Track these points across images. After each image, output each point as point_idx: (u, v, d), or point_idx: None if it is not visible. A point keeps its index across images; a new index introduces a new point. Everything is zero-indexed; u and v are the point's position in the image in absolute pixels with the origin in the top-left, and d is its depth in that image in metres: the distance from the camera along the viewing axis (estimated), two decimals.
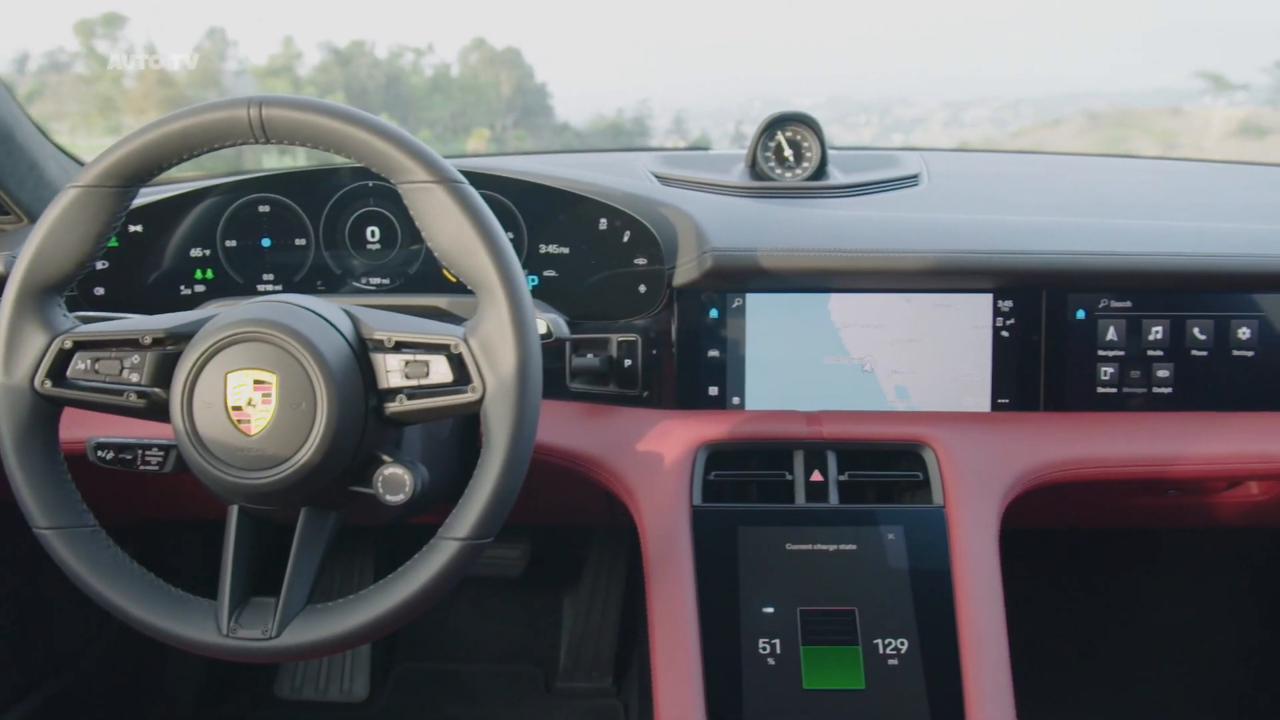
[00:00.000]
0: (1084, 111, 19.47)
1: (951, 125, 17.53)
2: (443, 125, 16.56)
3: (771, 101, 20.10)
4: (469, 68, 17.91)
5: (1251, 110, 19.17)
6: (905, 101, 19.22)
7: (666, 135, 18.10)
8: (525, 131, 17.01)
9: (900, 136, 17.62)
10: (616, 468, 1.30)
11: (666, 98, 25.57)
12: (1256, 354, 1.37)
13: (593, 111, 21.83)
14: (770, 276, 1.30)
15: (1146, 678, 2.17)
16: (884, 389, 1.34)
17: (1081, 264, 1.32)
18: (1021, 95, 25.30)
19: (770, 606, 1.18)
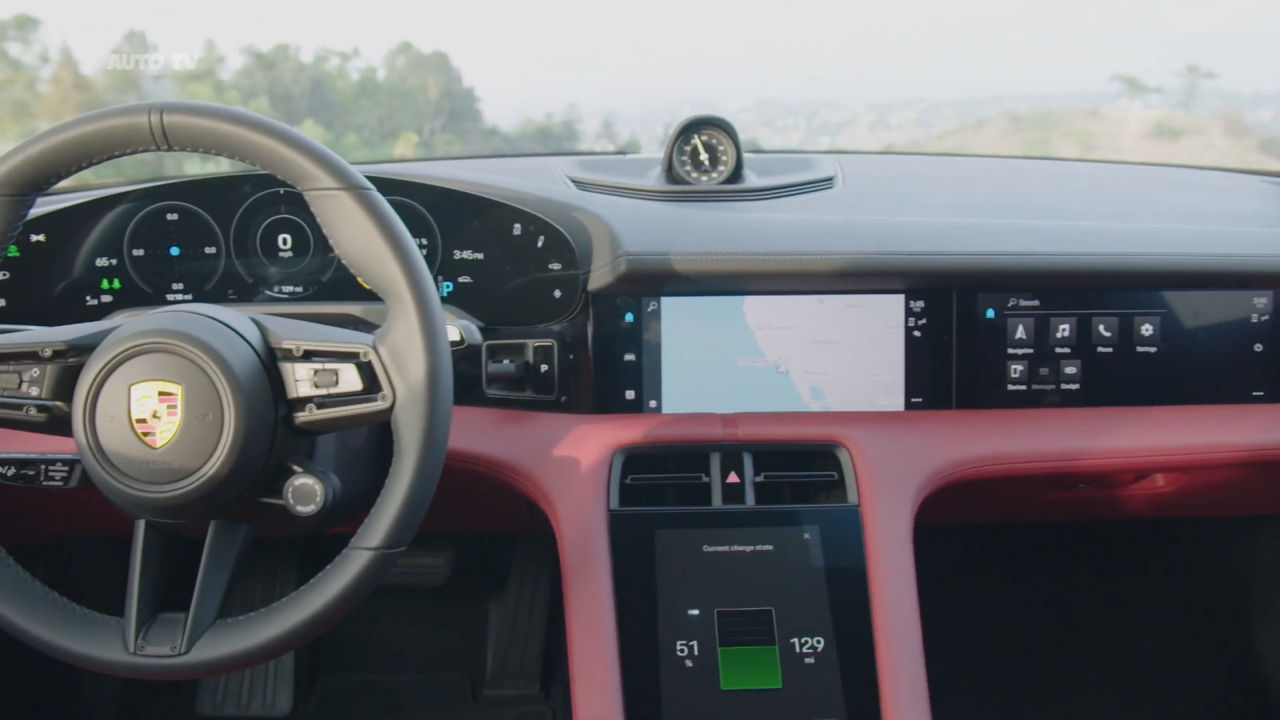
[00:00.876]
0: (1006, 114, 19.85)
1: (878, 128, 17.77)
2: (370, 130, 16.40)
3: (700, 105, 20.26)
4: (396, 71, 17.76)
5: (1165, 112, 19.71)
6: (832, 105, 19.45)
7: (595, 139, 18.11)
8: (453, 136, 16.92)
9: (827, 139, 17.85)
10: (533, 473, 1.29)
11: (596, 101, 25.66)
12: (1159, 350, 1.41)
13: (522, 115, 21.79)
14: (685, 280, 1.31)
15: (1062, 670, 2.22)
16: (799, 390, 1.35)
17: (990, 264, 1.34)
18: (945, 98, 25.76)
19: (688, 609, 1.19)
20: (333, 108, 16.83)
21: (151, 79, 12.48)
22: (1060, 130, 18.65)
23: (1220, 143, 15.53)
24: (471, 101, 18.70)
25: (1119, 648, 2.26)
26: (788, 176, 1.57)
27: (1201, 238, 1.43)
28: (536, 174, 1.57)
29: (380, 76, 17.87)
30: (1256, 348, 1.43)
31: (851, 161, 1.69)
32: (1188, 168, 1.91)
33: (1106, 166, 1.94)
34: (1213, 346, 1.42)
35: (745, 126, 17.32)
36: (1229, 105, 19.31)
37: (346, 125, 16.35)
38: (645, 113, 10.56)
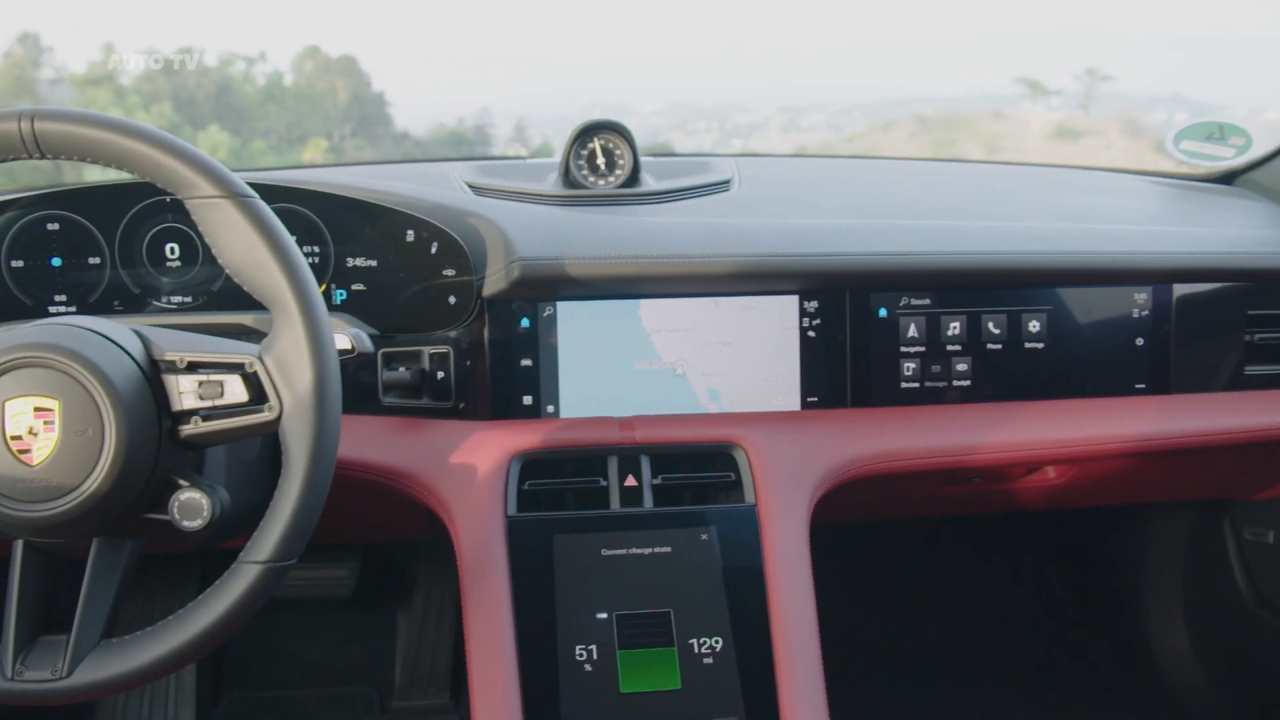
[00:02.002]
0: (914, 116, 20.21)
1: (789, 130, 17.95)
2: (278, 135, 16.10)
3: (613, 108, 20.28)
4: (304, 76, 17.47)
5: (1066, 114, 20.23)
6: (744, 108, 19.62)
7: (508, 143, 18.02)
8: (364, 141, 16.70)
9: (739, 141, 17.99)
10: (429, 481, 1.28)
11: (508, 105, 25.60)
12: (1047, 346, 1.44)
13: (434, 120, 21.63)
14: (580, 284, 1.31)
15: (962, 661, 2.26)
16: (696, 392, 1.36)
17: (882, 264, 1.36)
18: (855, 101, 26.18)
19: (587, 613, 1.19)
20: (239, 113, 16.50)
21: (47, 83, 12.11)
22: (966, 132, 19.04)
23: (1118, 143, 15.99)
24: (382, 106, 18.47)
25: (1018, 637, 2.31)
26: (684, 180, 1.57)
27: (1086, 236, 1.47)
28: (433, 179, 1.55)
29: (288, 81, 17.56)
30: (1138, 342, 1.47)
31: (749, 164, 1.70)
32: (1075, 168, 1.96)
33: (999, 167, 1.99)
34: (1098, 341, 1.46)
35: (658, 129, 17.36)
36: (1126, 107, 19.91)
37: (254, 131, 16.03)
38: (558, 116, 10.57)
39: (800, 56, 45.18)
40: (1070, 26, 31.42)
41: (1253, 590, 1.95)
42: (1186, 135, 1.83)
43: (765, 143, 17.52)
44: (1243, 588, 1.96)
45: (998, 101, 23.16)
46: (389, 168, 1.76)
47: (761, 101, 20.41)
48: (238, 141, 14.68)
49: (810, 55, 47.83)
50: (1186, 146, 1.83)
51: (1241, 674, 2.02)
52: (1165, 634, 2.16)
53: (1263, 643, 1.92)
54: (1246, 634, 1.96)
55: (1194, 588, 2.11)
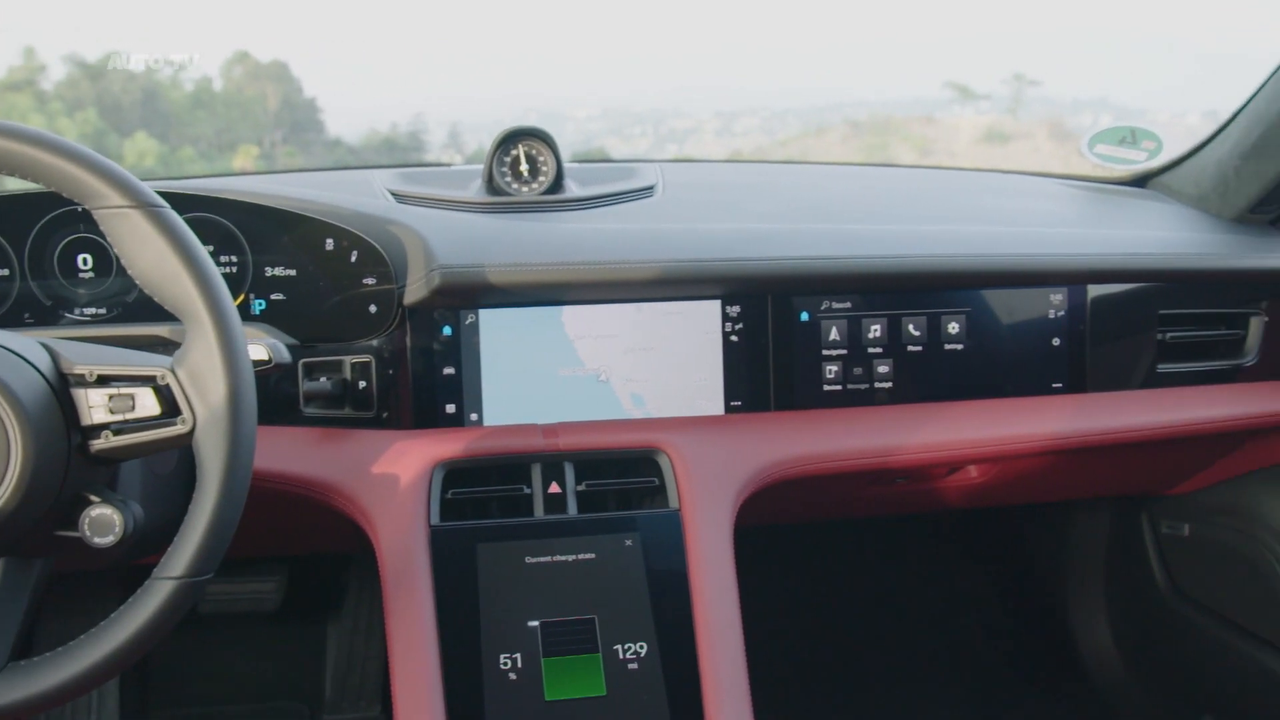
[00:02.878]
0: (847, 120, 20.42)
1: (724, 135, 18.06)
2: (207, 142, 15.84)
3: (548, 114, 20.22)
4: (233, 82, 17.21)
5: (995, 118, 20.56)
6: (679, 113, 19.71)
7: (442, 149, 17.89)
8: (295, 148, 16.49)
9: (675, 146, 18.06)
10: (351, 492, 1.27)
11: (442, 111, 25.44)
12: (966, 347, 1.47)
13: (367, 126, 21.45)
14: (502, 292, 1.30)
15: (890, 661, 2.29)
16: (620, 398, 1.36)
17: (803, 268, 1.38)
18: (789, 106, 26.38)
19: (511, 621, 1.18)
20: (167, 119, 16.20)
21: None
22: (898, 136, 19.29)
23: (1046, 146, 16.29)
24: (314, 112, 18.26)
25: (944, 635, 2.34)
26: (608, 186, 1.58)
27: (1003, 239, 1.50)
28: (355, 187, 1.54)
29: (217, 87, 17.28)
30: (1055, 342, 1.50)
31: (674, 170, 1.71)
32: (995, 172, 1.99)
33: (921, 171, 2.02)
34: (1015, 342, 1.49)
35: (593, 135, 17.36)
36: (1052, 111, 20.31)
37: (182, 137, 15.75)
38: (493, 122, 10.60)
39: (735, 62, 45.36)
40: (997, 32, 31.71)
41: (1169, 582, 2.00)
42: (1100, 139, 1.87)
43: (700, 147, 17.60)
44: (1160, 580, 2.00)
45: (929, 106, 23.49)
46: (311, 175, 1.74)
47: (696, 106, 20.44)
48: (166, 148, 14.39)
49: (745, 61, 47.94)
50: (1100, 150, 1.87)
51: (1160, 664, 2.07)
52: (1087, 627, 2.20)
53: (1179, 633, 1.97)
54: (1164, 625, 2.01)
55: (1114, 581, 2.15)
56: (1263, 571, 1.77)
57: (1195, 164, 1.76)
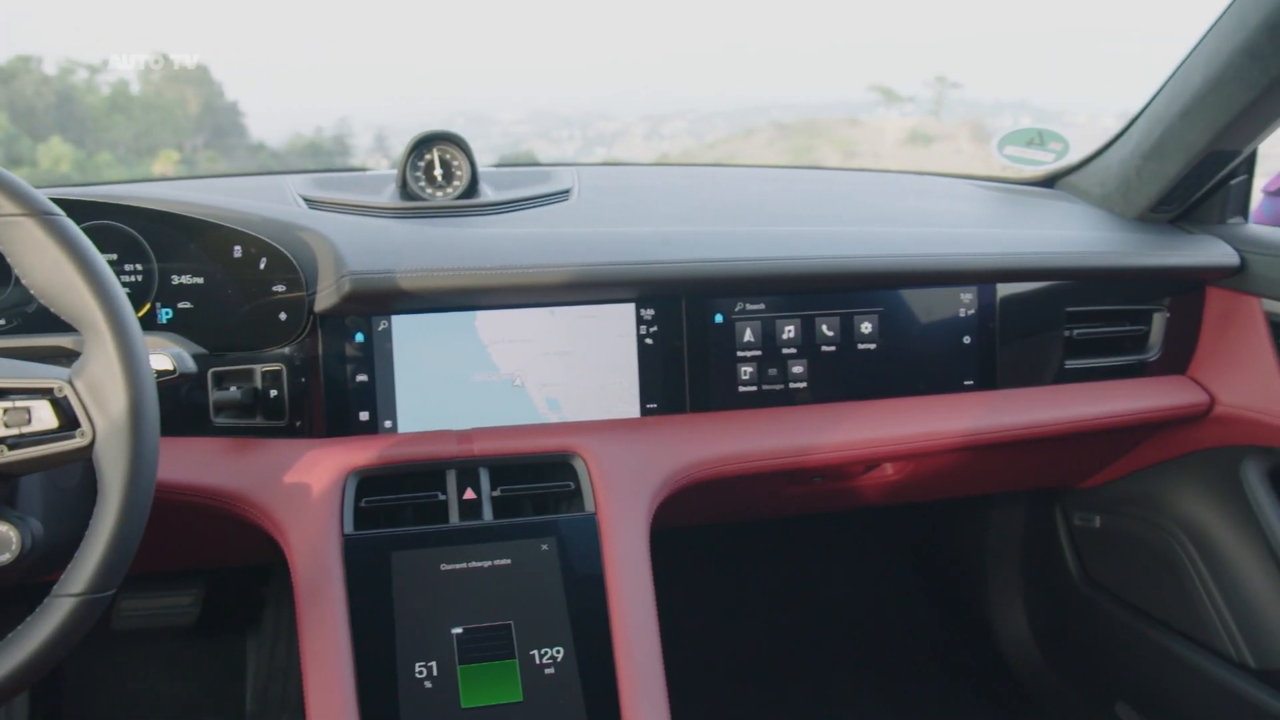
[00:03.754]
0: (773, 123, 20.58)
1: (652, 138, 18.10)
2: (125, 147, 15.48)
3: (475, 117, 20.05)
4: (151, 85, 16.83)
5: (919, 120, 20.86)
6: (607, 116, 19.68)
7: (369, 153, 17.69)
8: (217, 152, 16.19)
9: (603, 150, 18.06)
10: (262, 502, 1.25)
11: (368, 114, 25.07)
12: (879, 346, 1.49)
13: (291, 130, 21.11)
14: (414, 297, 1.29)
15: (815, 658, 2.31)
16: (535, 402, 1.36)
17: (716, 270, 1.38)
18: (717, 109, 26.51)
19: (426, 629, 1.17)
20: (83, 124, 15.80)
21: None
22: (824, 138, 19.48)
23: (968, 147, 16.56)
24: (236, 116, 17.93)
25: (866, 631, 2.37)
26: (524, 190, 1.57)
27: (914, 239, 1.52)
28: (267, 193, 1.52)
29: (135, 90, 16.89)
30: (965, 340, 1.53)
31: (590, 173, 1.71)
32: (909, 173, 2.02)
33: (837, 173, 2.04)
34: (927, 340, 1.51)
35: (521, 138, 17.29)
36: (974, 113, 20.64)
37: (99, 142, 15.38)
38: (420, 125, 10.44)
39: (663, 65, 45.39)
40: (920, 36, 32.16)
41: (1082, 572, 2.04)
42: (1010, 141, 1.91)
43: (628, 150, 17.62)
44: (1074, 571, 2.05)
45: (854, 108, 23.75)
46: (222, 181, 1.71)
47: (624, 110, 20.40)
48: (82, 154, 14.02)
49: (673, 64, 48.03)
50: (1010, 151, 1.91)
51: (1076, 653, 2.12)
52: (1005, 618, 2.24)
53: (1092, 621, 2.01)
54: (1078, 615, 2.06)
55: (1030, 573, 2.20)
56: (1170, 560, 1.82)
57: (1100, 164, 1.80)
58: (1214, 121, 1.47)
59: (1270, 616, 1.66)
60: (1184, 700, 1.80)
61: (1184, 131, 1.52)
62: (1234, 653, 1.71)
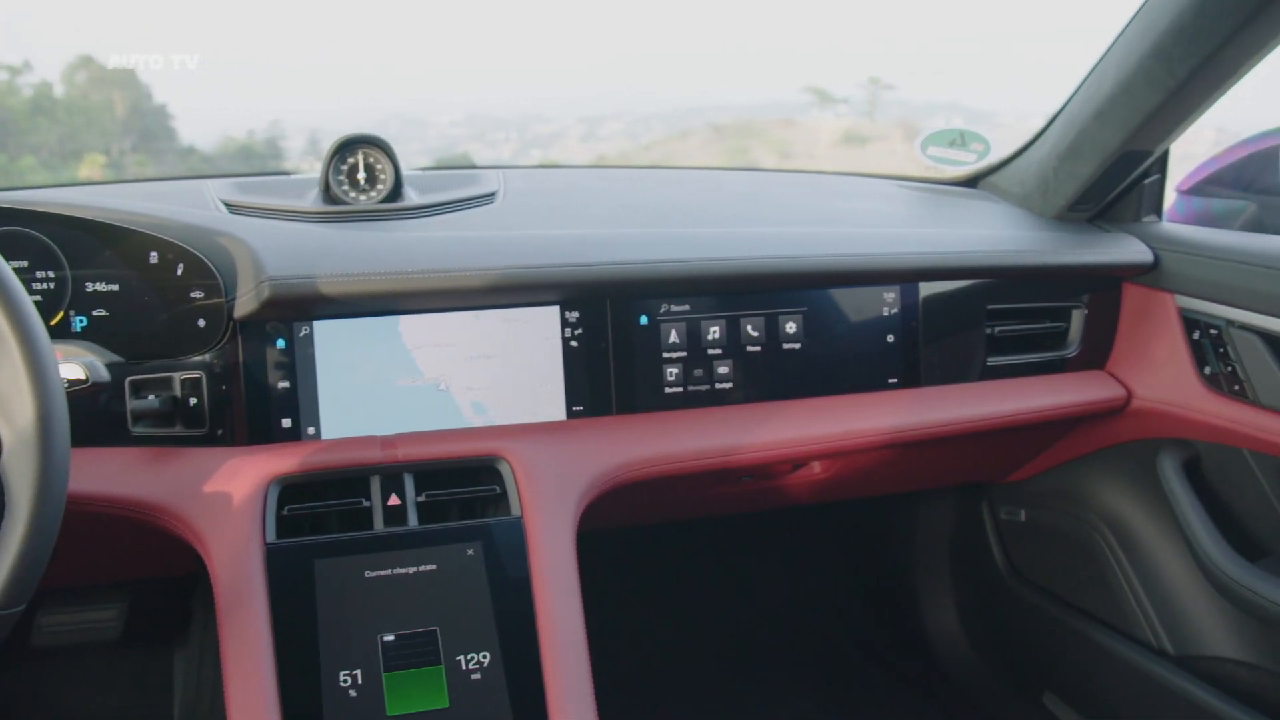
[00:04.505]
0: (709, 124, 20.62)
1: (588, 140, 18.04)
2: (49, 151, 15.09)
3: (410, 119, 19.87)
4: (76, 88, 16.44)
5: (853, 121, 21.02)
6: (543, 118, 19.55)
7: (302, 156, 17.42)
8: (146, 156, 15.83)
9: (539, 152, 17.96)
10: (182, 512, 1.23)
11: (302, 117, 24.55)
12: (804, 345, 1.50)
13: (222, 133, 20.71)
14: (336, 302, 1.28)
15: (745, 657, 2.33)
16: (460, 406, 1.35)
17: (641, 272, 1.39)
18: (653, 111, 26.51)
19: (350, 637, 1.16)
20: (5, 127, 15.39)
21: None
22: (759, 139, 19.54)
23: (901, 148, 16.70)
24: (164, 119, 17.55)
25: (799, 626, 2.39)
26: (449, 193, 1.57)
27: (838, 239, 1.53)
28: (187, 198, 1.50)
29: (58, 93, 16.48)
30: (889, 339, 1.55)
31: (516, 176, 1.71)
32: (836, 174, 2.05)
33: (765, 174, 2.06)
34: (852, 339, 1.53)
35: (457, 140, 17.13)
36: (907, 114, 20.83)
37: (22, 146, 14.97)
38: (355, 127, 10.10)
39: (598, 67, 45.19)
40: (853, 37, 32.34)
41: (1008, 565, 2.08)
42: (932, 141, 1.93)
43: (565, 152, 17.57)
44: (1000, 563, 2.08)
45: (789, 109, 23.88)
46: (143, 186, 1.68)
47: (560, 112, 20.18)
48: (4, 157, 13.63)
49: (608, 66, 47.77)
50: (933, 152, 1.94)
51: (1003, 645, 2.15)
52: (935, 612, 2.27)
53: (1019, 613, 2.05)
54: (1005, 607, 2.09)
55: (959, 567, 2.23)
56: (1092, 552, 1.85)
57: (1020, 164, 1.83)
58: (1126, 123, 1.50)
59: (1186, 604, 1.70)
60: (1108, 688, 1.84)
61: (1097, 133, 1.55)
62: (1154, 640, 1.75)
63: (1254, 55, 1.33)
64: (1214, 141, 1.82)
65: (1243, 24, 1.26)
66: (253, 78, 20.53)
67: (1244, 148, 1.77)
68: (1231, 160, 1.78)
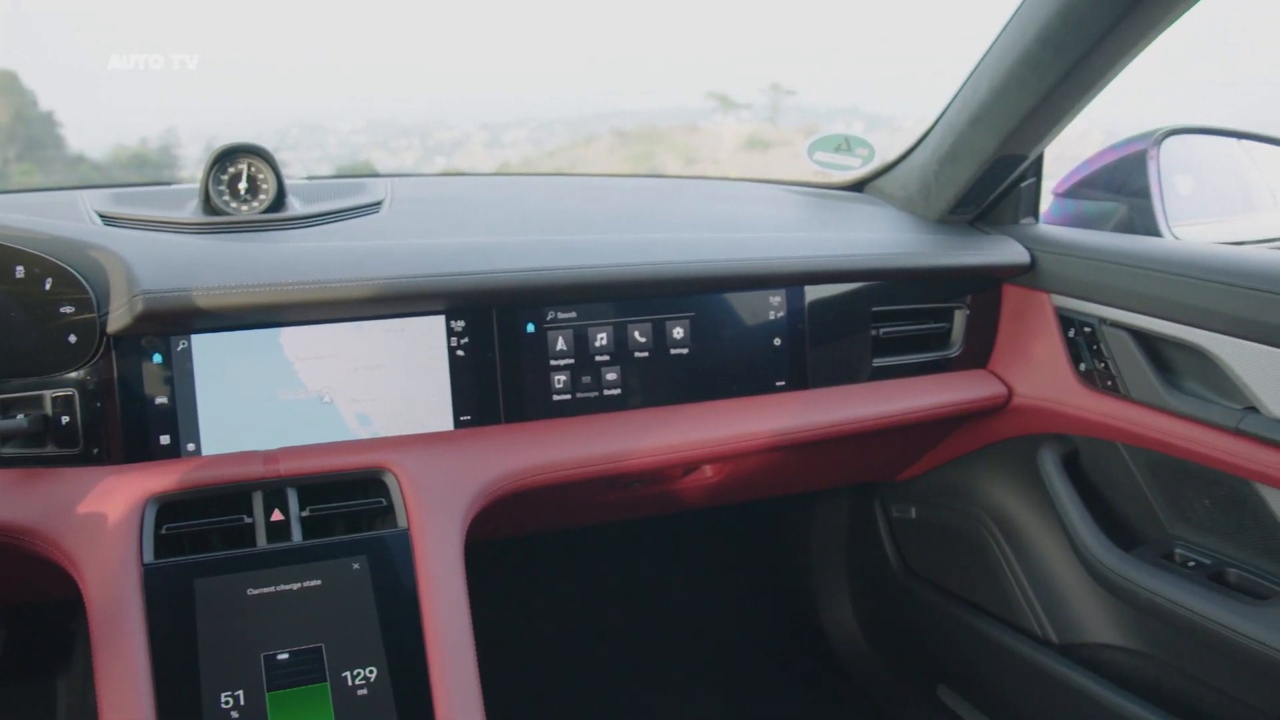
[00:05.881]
0: (614, 130, 20.67)
1: (492, 146, 17.91)
2: None
3: (310, 127, 19.54)
4: None
5: (756, 126, 21.25)
6: (446, 125, 19.40)
7: (198, 164, 17.02)
8: (32, 165, 15.31)
9: (442, 159, 17.81)
10: (53, 535, 1.19)
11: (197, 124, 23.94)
12: (691, 350, 1.51)
13: (113, 141, 20.12)
14: (214, 316, 1.26)
15: (642, 661, 2.34)
16: (345, 419, 1.33)
17: (525, 280, 1.38)
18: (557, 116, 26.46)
19: (232, 657, 1.14)
20: None
21: None
22: (664, 144, 19.65)
23: (803, 153, 16.93)
24: (52, 126, 17.00)
25: (699, 628, 2.41)
26: (333, 203, 1.55)
27: (722, 244, 1.55)
28: (60, 210, 1.45)
29: None
30: (776, 342, 1.57)
31: (404, 185, 1.69)
32: (726, 180, 2.07)
33: (656, 181, 2.07)
34: (739, 343, 1.55)
35: (358, 148, 16.87)
36: (808, 119, 21.14)
37: None
38: (252, 135, 9.81)
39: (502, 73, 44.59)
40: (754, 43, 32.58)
41: (901, 562, 2.12)
42: (819, 147, 1.97)
43: (469, 159, 17.44)
44: (893, 560, 2.12)
45: (693, 115, 24.03)
46: (14, 197, 1.63)
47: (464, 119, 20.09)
48: None
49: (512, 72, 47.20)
50: (819, 157, 1.97)
51: (898, 640, 2.20)
52: (832, 610, 2.31)
53: (912, 608, 2.09)
54: (898, 603, 2.13)
55: (854, 565, 2.27)
56: (979, 546, 1.90)
57: (904, 169, 1.88)
58: (1000, 128, 1.54)
59: (1068, 594, 1.75)
60: (998, 679, 1.89)
61: (974, 138, 1.59)
62: (1039, 630, 1.80)
63: (1118, 62, 1.38)
64: (1103, 144, 1.88)
65: (1106, 32, 1.30)
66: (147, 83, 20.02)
67: (1114, 152, 1.84)
68: (1103, 164, 1.84)
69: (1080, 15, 1.30)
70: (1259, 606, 1.37)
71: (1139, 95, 1.54)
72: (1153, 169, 1.75)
